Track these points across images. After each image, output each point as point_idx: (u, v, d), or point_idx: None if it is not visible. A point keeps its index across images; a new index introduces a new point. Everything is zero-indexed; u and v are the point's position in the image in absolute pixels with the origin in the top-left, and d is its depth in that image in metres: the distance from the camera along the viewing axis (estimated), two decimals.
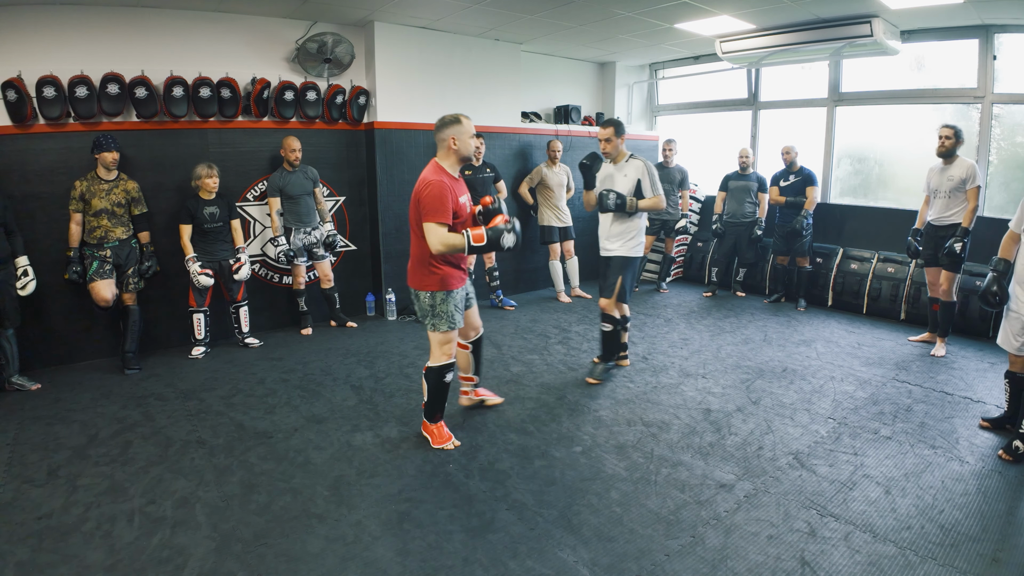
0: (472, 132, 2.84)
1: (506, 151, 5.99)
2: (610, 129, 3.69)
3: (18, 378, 3.71)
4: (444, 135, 2.79)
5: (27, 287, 3.67)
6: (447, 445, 2.93)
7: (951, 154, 4.14)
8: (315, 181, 4.78)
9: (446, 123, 2.78)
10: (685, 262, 6.99)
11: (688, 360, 4.23)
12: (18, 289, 3.63)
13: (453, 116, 2.80)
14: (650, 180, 3.68)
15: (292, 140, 4.60)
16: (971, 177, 4.06)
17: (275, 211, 4.65)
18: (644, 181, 3.67)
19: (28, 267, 3.68)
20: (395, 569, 2.07)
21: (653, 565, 2.09)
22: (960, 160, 4.14)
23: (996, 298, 2.93)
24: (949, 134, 4.10)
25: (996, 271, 2.96)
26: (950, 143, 4.10)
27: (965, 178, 4.08)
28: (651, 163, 3.76)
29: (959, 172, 4.10)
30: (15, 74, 3.77)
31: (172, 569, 2.06)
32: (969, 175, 4.06)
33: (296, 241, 4.71)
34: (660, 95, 7.55)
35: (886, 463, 2.78)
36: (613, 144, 3.71)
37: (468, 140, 2.81)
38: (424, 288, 2.85)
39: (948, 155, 4.15)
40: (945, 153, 4.14)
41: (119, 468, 2.76)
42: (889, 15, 4.69)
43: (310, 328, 4.95)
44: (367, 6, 4.56)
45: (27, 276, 3.67)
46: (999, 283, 2.94)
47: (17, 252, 3.66)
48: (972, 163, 4.12)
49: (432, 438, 2.97)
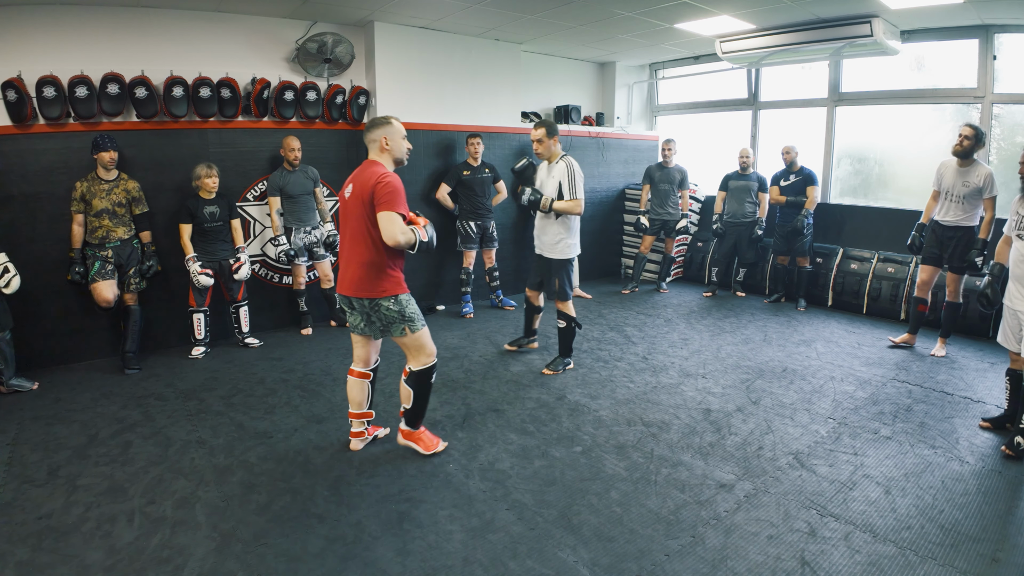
0: (403, 134, 2.75)
1: (506, 151, 5.99)
2: (542, 130, 3.70)
3: (16, 380, 3.68)
4: (375, 135, 2.68)
5: (11, 284, 3.50)
6: (439, 448, 2.89)
7: (968, 155, 3.95)
8: (315, 181, 4.77)
9: (376, 124, 2.68)
10: (685, 262, 6.99)
11: (688, 360, 4.23)
12: (2, 288, 3.49)
13: (384, 118, 2.72)
14: (569, 182, 3.69)
15: (291, 140, 4.60)
16: (988, 186, 3.91)
17: (275, 211, 4.64)
18: (564, 183, 3.70)
19: (8, 263, 3.51)
20: (395, 569, 2.07)
21: (653, 565, 2.09)
22: (978, 165, 3.97)
23: (987, 300, 3.13)
24: (969, 134, 3.91)
25: (991, 275, 3.13)
26: (968, 144, 3.92)
27: (982, 187, 3.92)
28: (577, 165, 3.74)
29: (976, 179, 3.94)
30: (15, 74, 3.77)
31: (172, 569, 2.06)
32: (987, 184, 3.91)
33: (296, 241, 4.71)
34: (660, 95, 7.55)
35: (886, 463, 2.78)
36: (545, 145, 3.75)
37: (401, 141, 2.72)
38: (384, 294, 2.64)
39: (965, 155, 3.96)
40: (962, 153, 3.95)
41: (119, 468, 2.76)
42: (889, 15, 4.69)
43: (310, 328, 4.95)
44: (367, 6, 4.56)
45: (8, 272, 3.50)
46: (992, 287, 3.11)
47: None
48: (990, 171, 3.95)
49: (421, 445, 2.86)
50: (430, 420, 3.25)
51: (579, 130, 6.63)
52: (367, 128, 2.73)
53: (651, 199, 6.28)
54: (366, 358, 2.88)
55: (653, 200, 6.25)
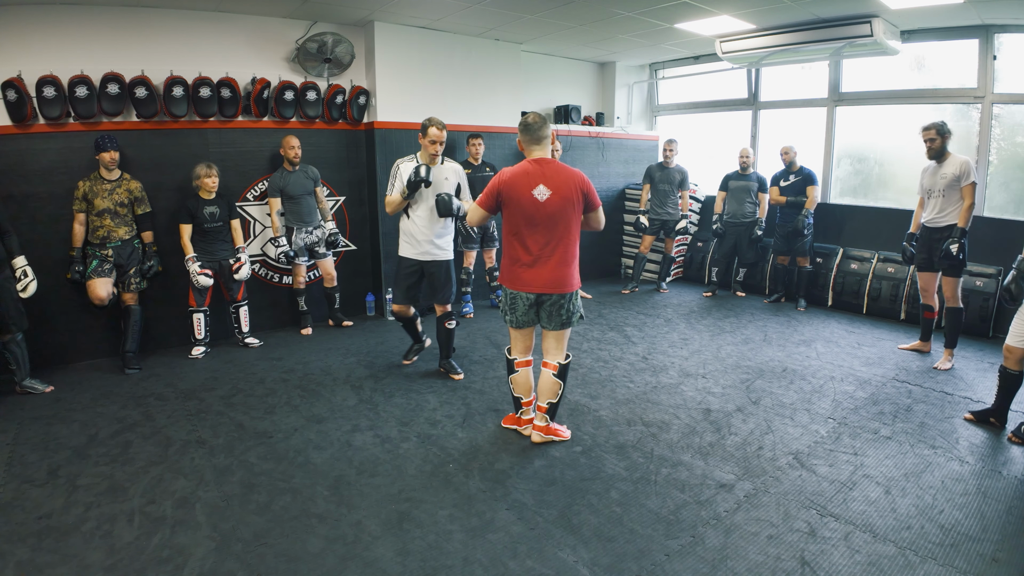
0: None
1: (506, 151, 6.00)
2: (444, 131, 3.56)
3: (29, 382, 3.67)
4: (547, 132, 2.81)
5: (28, 288, 3.56)
6: (564, 432, 3.03)
7: (942, 153, 3.92)
8: (316, 180, 4.78)
9: (545, 121, 2.79)
10: (685, 262, 6.99)
11: (688, 360, 4.23)
12: (19, 291, 3.54)
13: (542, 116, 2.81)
14: (467, 184, 3.78)
15: (291, 138, 4.60)
16: (965, 173, 3.82)
17: (275, 211, 4.65)
18: (463, 183, 3.75)
19: (27, 267, 3.57)
20: (395, 569, 2.07)
21: (653, 565, 2.09)
22: (953, 157, 3.91)
23: (1010, 295, 2.99)
24: (931, 135, 3.89)
25: (1018, 270, 2.97)
26: (936, 144, 3.89)
27: (959, 175, 3.84)
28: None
29: (952, 169, 3.87)
30: (15, 74, 3.77)
31: (172, 569, 2.06)
32: (963, 171, 3.83)
33: (298, 241, 4.72)
34: (660, 95, 7.55)
35: (886, 463, 2.78)
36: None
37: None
38: (577, 287, 2.87)
39: (939, 155, 3.93)
40: (935, 155, 3.94)
41: (119, 468, 2.76)
42: (889, 15, 4.69)
43: (310, 328, 4.95)
44: (367, 6, 4.56)
45: (27, 277, 3.56)
46: (1017, 282, 2.96)
47: (14, 253, 3.54)
48: (966, 159, 3.88)
49: (561, 435, 3.01)
50: (430, 420, 3.26)
51: (579, 130, 6.63)
52: (536, 126, 2.76)
53: (651, 199, 6.28)
54: (531, 346, 3.03)
55: (653, 200, 6.25)
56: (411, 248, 3.72)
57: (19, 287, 3.55)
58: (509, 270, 2.88)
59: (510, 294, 2.89)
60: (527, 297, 2.84)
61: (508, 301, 2.92)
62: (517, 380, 3.01)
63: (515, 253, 2.84)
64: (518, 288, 2.85)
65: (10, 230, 3.56)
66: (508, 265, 2.89)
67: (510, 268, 2.87)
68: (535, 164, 2.77)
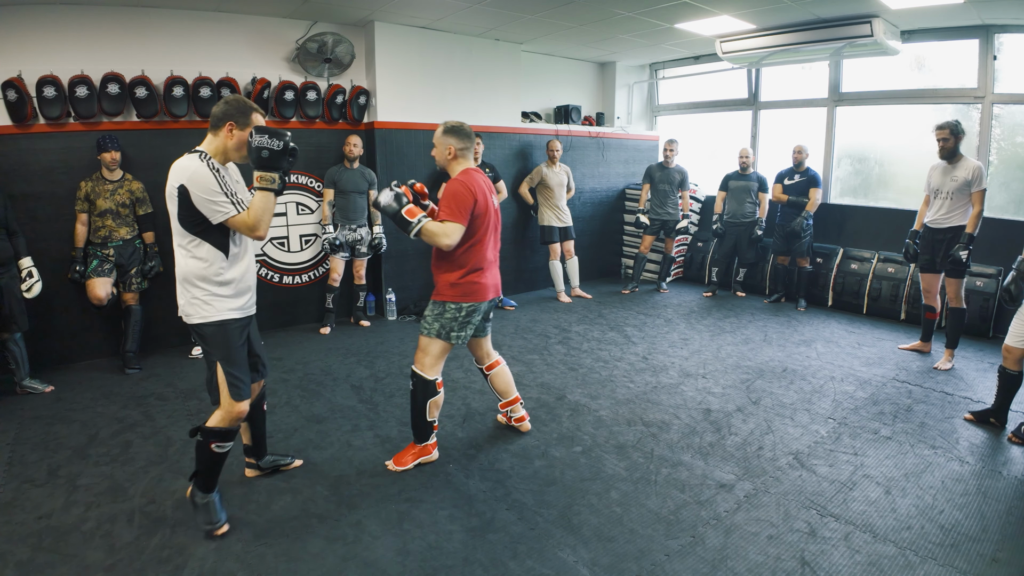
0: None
1: (506, 151, 6.00)
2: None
3: (29, 381, 3.68)
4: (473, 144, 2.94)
5: (33, 289, 3.60)
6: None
7: (954, 154, 3.87)
8: (372, 184, 4.92)
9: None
10: (685, 262, 6.99)
11: (688, 360, 4.23)
12: (23, 292, 3.57)
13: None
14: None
15: (353, 137, 4.86)
16: (977, 179, 3.80)
17: (327, 202, 4.83)
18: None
19: (32, 268, 3.61)
20: (395, 569, 2.07)
21: (653, 565, 2.09)
22: (965, 160, 3.88)
23: (1009, 296, 2.99)
24: (945, 135, 3.85)
25: (1018, 271, 2.98)
26: (949, 144, 3.85)
27: (970, 180, 3.81)
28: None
29: (964, 173, 3.83)
30: (15, 74, 3.76)
31: (172, 569, 2.06)
32: (975, 177, 3.80)
33: (340, 236, 4.84)
34: (660, 95, 7.55)
35: (886, 463, 2.78)
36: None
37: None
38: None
39: (951, 156, 3.89)
40: (947, 155, 3.90)
41: (119, 468, 2.76)
42: (889, 15, 4.69)
43: (328, 327, 4.96)
44: (367, 6, 4.56)
45: (32, 278, 3.60)
46: (1017, 283, 2.97)
47: (20, 253, 3.58)
48: (978, 164, 3.85)
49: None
50: None
51: (579, 130, 6.63)
52: (470, 131, 2.90)
53: (651, 199, 6.27)
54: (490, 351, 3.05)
55: (653, 200, 6.25)
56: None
57: (24, 287, 3.58)
58: (467, 283, 2.66)
59: (466, 308, 2.66)
60: (486, 305, 2.75)
61: (462, 318, 2.67)
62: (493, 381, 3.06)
63: (475, 262, 2.67)
64: (479, 299, 2.69)
65: (18, 231, 3.61)
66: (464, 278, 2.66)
67: (469, 281, 2.66)
68: (476, 171, 2.77)
